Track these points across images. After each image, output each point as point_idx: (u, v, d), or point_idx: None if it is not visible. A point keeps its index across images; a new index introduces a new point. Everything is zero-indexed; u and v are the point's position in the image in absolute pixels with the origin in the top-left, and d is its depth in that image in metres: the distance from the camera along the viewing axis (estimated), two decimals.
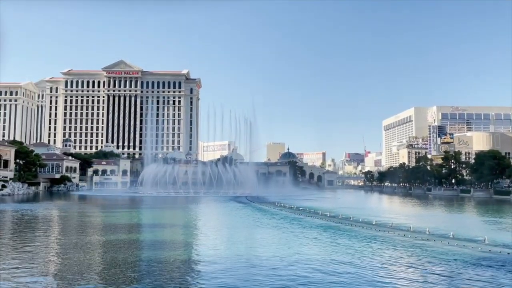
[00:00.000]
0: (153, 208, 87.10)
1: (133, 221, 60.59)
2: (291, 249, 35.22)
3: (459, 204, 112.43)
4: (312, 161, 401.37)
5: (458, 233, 42.99)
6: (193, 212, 78.84)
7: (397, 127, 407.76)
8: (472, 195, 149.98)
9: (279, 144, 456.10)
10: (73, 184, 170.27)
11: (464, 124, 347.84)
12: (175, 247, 36.81)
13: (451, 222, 64.27)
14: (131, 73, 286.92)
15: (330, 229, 47.90)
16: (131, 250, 34.63)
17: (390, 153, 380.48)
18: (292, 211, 73.63)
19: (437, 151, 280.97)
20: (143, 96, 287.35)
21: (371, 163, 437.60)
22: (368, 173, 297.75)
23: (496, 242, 37.87)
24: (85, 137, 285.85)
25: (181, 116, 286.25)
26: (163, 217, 69.02)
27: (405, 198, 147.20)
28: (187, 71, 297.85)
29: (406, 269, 28.03)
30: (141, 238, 42.71)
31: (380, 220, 56.75)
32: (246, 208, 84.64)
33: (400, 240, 40.33)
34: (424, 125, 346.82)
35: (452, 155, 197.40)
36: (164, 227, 53.11)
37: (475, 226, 58.01)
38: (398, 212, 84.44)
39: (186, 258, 31.91)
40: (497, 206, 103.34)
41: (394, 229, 47.53)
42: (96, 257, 31.93)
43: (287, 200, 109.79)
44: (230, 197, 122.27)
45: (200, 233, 48.73)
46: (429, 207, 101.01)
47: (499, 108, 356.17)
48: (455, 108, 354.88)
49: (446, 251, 34.09)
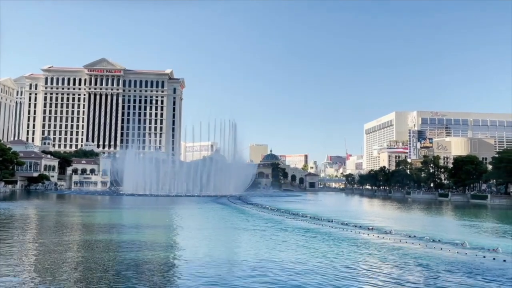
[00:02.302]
0: (133, 209, 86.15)
1: (112, 221, 59.74)
2: (271, 251, 35.25)
3: (437, 208, 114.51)
4: (294, 163, 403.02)
5: (436, 236, 43.86)
6: (174, 213, 78.26)
7: (378, 131, 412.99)
8: (450, 199, 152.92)
9: (262, 145, 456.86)
10: (51, 183, 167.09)
11: (443, 129, 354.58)
12: (155, 248, 36.41)
13: (429, 225, 65.42)
14: (113, 71, 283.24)
15: (311, 231, 48.18)
16: (109, 251, 34.12)
17: (371, 157, 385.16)
18: (273, 213, 73.88)
19: (417, 155, 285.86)
20: (125, 95, 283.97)
21: (352, 166, 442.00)
22: (349, 176, 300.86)
23: (472, 245, 38.76)
24: (65, 136, 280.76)
25: (164, 116, 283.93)
26: (143, 217, 68.29)
27: (385, 201, 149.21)
28: (170, 70, 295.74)
29: (383, 271, 28.28)
30: (120, 239, 42.11)
31: (360, 223, 57.52)
32: (227, 209, 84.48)
33: (380, 242, 40.85)
34: (404, 129, 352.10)
35: (431, 159, 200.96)
36: (144, 227, 52.53)
37: (452, 229, 59.18)
38: (378, 215, 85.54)
39: (166, 259, 31.62)
40: (474, 210, 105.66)
41: (373, 231, 48.26)
42: (74, 257, 31.33)
43: (269, 201, 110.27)
44: (212, 198, 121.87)
45: (180, 234, 48.47)
46: (408, 211, 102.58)
47: (477, 114, 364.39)
48: (434, 113, 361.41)
49: (424, 254, 34.66)
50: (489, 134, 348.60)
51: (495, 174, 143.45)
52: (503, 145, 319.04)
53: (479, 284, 24.86)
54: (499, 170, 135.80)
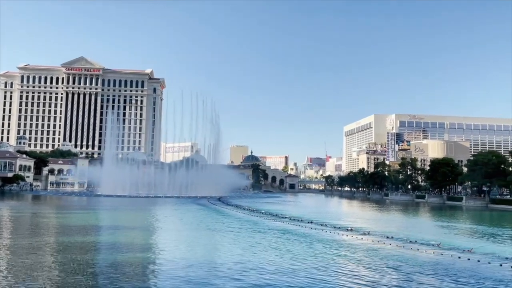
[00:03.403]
0: (111, 210, 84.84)
1: (90, 222, 58.66)
2: (251, 252, 35.27)
3: (414, 209, 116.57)
4: (275, 164, 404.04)
5: (413, 237, 44.62)
6: (152, 214, 77.42)
7: (358, 133, 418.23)
8: (426, 200, 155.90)
9: (242, 147, 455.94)
10: (26, 184, 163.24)
11: (421, 132, 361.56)
12: (133, 250, 35.97)
13: (406, 226, 66.52)
14: (91, 70, 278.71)
15: (289, 233, 48.37)
16: (86, 253, 33.54)
17: (350, 158, 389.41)
18: (253, 214, 73.92)
19: (395, 157, 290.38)
20: (104, 95, 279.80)
21: (332, 167, 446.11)
22: (328, 178, 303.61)
23: (448, 246, 39.60)
24: (41, 135, 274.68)
25: (143, 116, 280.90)
26: (121, 219, 67.28)
27: (364, 203, 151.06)
28: (150, 70, 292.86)
29: (359, 272, 28.53)
30: (98, 241, 41.44)
31: (339, 224, 58.09)
32: (206, 210, 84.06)
33: (358, 243, 41.30)
34: (383, 132, 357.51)
35: (408, 161, 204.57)
36: (121, 229, 51.78)
37: (428, 230, 60.28)
38: (357, 216, 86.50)
39: (143, 261, 31.25)
40: (449, 211, 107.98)
41: (352, 232, 48.83)
42: (49, 260, 30.61)
43: (249, 203, 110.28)
44: (192, 199, 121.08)
45: (158, 235, 48.05)
46: (386, 212, 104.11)
47: (453, 118, 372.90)
48: (412, 116, 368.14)
49: (401, 254, 35.20)
50: (464, 137, 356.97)
51: (470, 176, 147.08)
52: (478, 148, 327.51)
53: (454, 284, 25.36)
54: (474, 172, 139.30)
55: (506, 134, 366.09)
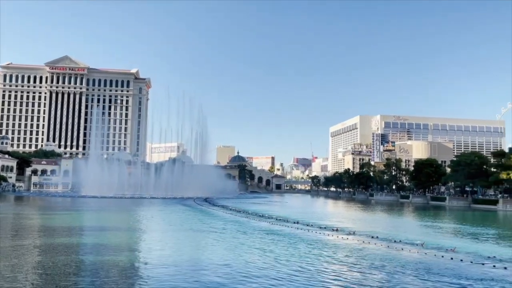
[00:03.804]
0: (95, 211, 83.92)
1: (74, 224, 57.96)
2: (234, 253, 35.24)
3: (398, 209, 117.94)
4: (261, 165, 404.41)
5: (397, 237, 45.20)
6: (138, 215, 76.81)
7: (343, 134, 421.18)
8: (410, 200, 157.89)
9: (229, 147, 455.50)
10: (9, 184, 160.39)
11: (405, 133, 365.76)
12: (118, 251, 35.65)
13: (391, 226, 67.30)
14: (76, 70, 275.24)
15: (275, 233, 48.51)
16: (71, 254, 33.15)
17: (336, 159, 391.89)
18: (239, 214, 73.95)
19: (380, 158, 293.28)
20: (89, 94, 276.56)
21: (318, 168, 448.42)
22: (314, 178, 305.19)
23: (431, 245, 40.23)
24: (24, 135, 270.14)
25: (129, 116, 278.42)
26: (106, 220, 66.60)
27: (349, 203, 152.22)
28: (136, 70, 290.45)
29: (343, 272, 28.77)
30: (83, 242, 40.97)
31: (325, 224, 58.50)
32: (192, 211, 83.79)
33: (343, 243, 41.66)
34: (368, 132, 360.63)
35: (393, 162, 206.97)
36: (107, 230, 51.27)
37: (412, 230, 61.10)
38: (343, 216, 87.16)
39: (129, 262, 31.02)
40: (433, 211, 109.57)
41: (338, 232, 49.24)
42: (32, 262, 30.19)
43: (235, 203, 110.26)
44: (178, 200, 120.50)
45: (142, 236, 47.73)
46: (371, 212, 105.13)
47: (437, 119, 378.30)
48: (397, 117, 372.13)
49: (385, 254, 35.63)
50: (447, 138, 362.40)
51: (453, 176, 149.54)
52: (461, 149, 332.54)
53: (437, 283, 25.78)
54: (457, 173, 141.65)
55: (488, 135, 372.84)
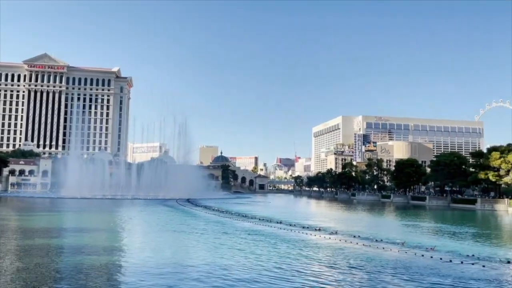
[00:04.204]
0: (76, 212, 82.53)
1: (53, 225, 56.78)
2: (215, 253, 34.99)
3: (380, 209, 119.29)
4: (244, 165, 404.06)
5: (379, 236, 45.61)
6: (118, 216, 75.77)
7: (326, 134, 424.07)
8: (392, 200, 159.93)
9: (212, 147, 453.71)
10: None
11: (387, 133, 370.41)
12: (98, 253, 35.09)
13: (373, 225, 67.97)
14: (55, 68, 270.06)
15: (258, 233, 48.43)
16: (50, 257, 32.47)
17: (319, 159, 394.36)
18: (222, 215, 73.65)
19: (362, 158, 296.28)
20: (69, 93, 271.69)
21: (301, 168, 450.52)
22: (297, 178, 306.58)
23: (412, 244, 40.72)
24: (2, 134, 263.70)
25: (110, 116, 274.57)
26: (87, 221, 65.46)
27: (332, 203, 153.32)
28: (117, 69, 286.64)
29: (324, 272, 28.85)
30: (62, 244, 40.13)
31: (307, 224, 58.67)
32: (174, 212, 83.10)
33: (325, 243, 41.83)
34: (350, 133, 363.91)
35: (375, 162, 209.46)
36: (87, 231, 50.38)
37: (394, 229, 61.83)
38: (326, 216, 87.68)
39: (110, 264, 30.54)
40: (413, 210, 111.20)
41: (320, 232, 49.43)
42: (10, 264, 29.40)
43: (218, 203, 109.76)
44: (160, 201, 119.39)
45: (123, 238, 47.11)
46: (353, 212, 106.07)
47: (417, 120, 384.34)
48: (378, 118, 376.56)
49: (367, 253, 35.90)
50: (428, 138, 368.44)
51: (433, 176, 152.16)
52: (440, 149, 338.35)
53: (416, 282, 26.06)
54: (436, 173, 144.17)
55: (467, 136, 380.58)
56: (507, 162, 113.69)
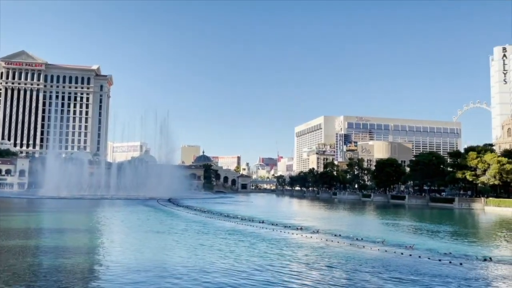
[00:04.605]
0: (54, 212, 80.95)
1: (30, 225, 55.54)
2: (193, 254, 34.73)
3: (360, 208, 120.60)
4: (227, 164, 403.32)
5: (359, 235, 46.09)
6: (98, 216, 74.59)
7: (308, 134, 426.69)
8: (372, 199, 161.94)
9: (194, 146, 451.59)
10: None
11: (367, 133, 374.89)
12: (77, 254, 34.48)
13: (353, 224, 68.72)
14: (33, 65, 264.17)
15: (239, 233, 48.36)
16: (27, 257, 31.82)
17: (301, 159, 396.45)
18: (203, 214, 73.32)
19: (343, 157, 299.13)
20: (47, 91, 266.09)
21: (283, 167, 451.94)
22: (280, 178, 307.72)
23: (391, 243, 41.28)
24: None
25: (89, 114, 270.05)
26: (65, 221, 64.28)
27: (313, 202, 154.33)
28: (97, 66, 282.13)
29: (303, 271, 28.96)
30: (40, 244, 39.29)
31: (289, 223, 58.87)
32: (155, 212, 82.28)
33: (306, 242, 42.03)
34: (332, 133, 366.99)
35: (356, 162, 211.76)
36: (65, 232, 49.47)
37: (374, 228, 62.61)
38: (307, 215, 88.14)
39: (87, 265, 30.09)
40: (393, 209, 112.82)
41: (302, 231, 49.66)
42: None
43: (200, 203, 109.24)
44: (141, 200, 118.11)
45: (102, 238, 46.41)
46: (334, 211, 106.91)
47: (397, 120, 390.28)
48: (359, 118, 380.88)
49: (347, 251, 36.24)
50: (407, 138, 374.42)
51: (412, 176, 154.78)
52: (419, 149, 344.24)
53: (395, 280, 26.41)
54: (415, 172, 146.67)
55: (446, 136, 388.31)
56: (484, 162, 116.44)
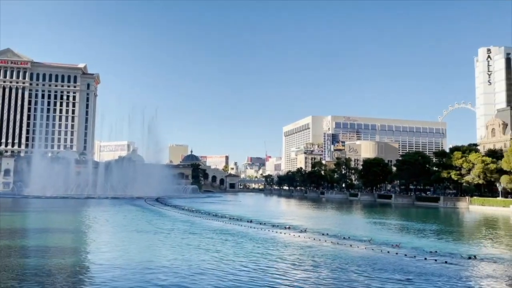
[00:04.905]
0: (40, 212, 79.98)
1: (16, 225, 54.84)
2: (179, 254, 34.69)
3: (348, 207, 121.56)
4: (215, 164, 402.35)
5: (346, 234, 46.57)
6: (84, 216, 73.95)
7: (296, 133, 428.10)
8: (359, 198, 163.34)
9: (182, 146, 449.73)
10: None
11: (354, 133, 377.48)
12: (64, 254, 34.25)
13: (341, 223, 69.27)
14: (19, 63, 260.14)
15: (226, 232, 48.45)
16: (13, 258, 31.52)
17: (289, 158, 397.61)
18: (191, 214, 73.21)
19: (331, 157, 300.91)
20: (33, 89, 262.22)
21: (271, 167, 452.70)
22: (268, 177, 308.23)
23: (378, 241, 41.82)
24: None
25: (76, 113, 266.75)
26: (51, 221, 63.63)
27: (301, 201, 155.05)
28: (84, 65, 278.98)
29: (289, 270, 29.16)
30: (25, 245, 38.92)
31: (277, 222, 59.16)
32: (143, 211, 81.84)
33: (294, 241, 42.34)
34: (320, 132, 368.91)
35: (343, 161, 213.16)
36: (52, 232, 49.03)
37: (361, 227, 63.22)
38: (295, 214, 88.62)
39: (73, 266, 29.88)
40: (380, 208, 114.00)
41: (290, 230, 49.98)
42: None
43: (188, 203, 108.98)
44: (128, 200, 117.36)
45: (88, 238, 46.18)
46: (322, 210, 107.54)
47: (384, 120, 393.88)
48: (347, 118, 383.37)
49: (335, 250, 36.62)
50: (394, 138, 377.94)
51: (398, 175, 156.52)
52: (405, 148, 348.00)
53: (381, 278, 26.81)
54: (402, 172, 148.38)
55: (431, 136, 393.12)
56: (468, 162, 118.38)
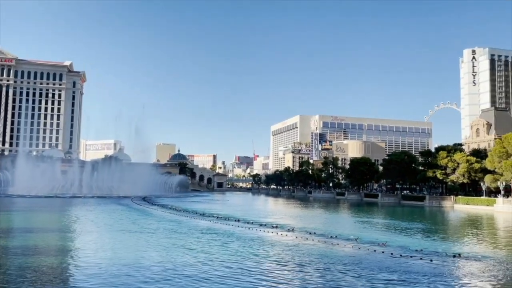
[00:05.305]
0: (24, 211, 78.70)
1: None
2: (164, 254, 34.44)
3: (335, 206, 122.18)
4: (203, 163, 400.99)
5: (333, 233, 46.79)
6: (69, 215, 72.96)
7: (284, 132, 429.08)
8: (346, 197, 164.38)
9: (169, 145, 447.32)
10: None
11: (342, 133, 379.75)
12: (46, 254, 33.75)
13: (328, 222, 69.58)
14: (3, 60, 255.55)
15: (213, 232, 48.29)
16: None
17: (277, 157, 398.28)
18: (178, 213, 72.83)
19: (318, 156, 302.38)
20: (17, 87, 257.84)
21: (259, 166, 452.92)
22: (256, 176, 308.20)
23: (365, 240, 42.09)
24: None
25: (61, 111, 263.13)
26: (36, 221, 62.63)
27: (289, 200, 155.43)
28: (70, 62, 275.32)
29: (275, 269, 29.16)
30: (9, 244, 38.25)
31: (265, 221, 59.16)
32: (129, 210, 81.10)
33: (281, 240, 42.35)
34: (308, 132, 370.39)
35: (330, 160, 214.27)
36: (36, 231, 48.24)
37: (348, 226, 63.61)
38: (283, 213, 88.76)
39: (57, 266, 29.49)
40: (366, 207, 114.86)
41: (277, 229, 49.99)
42: None
43: (175, 202, 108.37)
44: (114, 199, 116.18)
45: (73, 238, 45.53)
46: (309, 209, 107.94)
47: (371, 120, 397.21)
48: (334, 117, 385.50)
49: (322, 249, 36.75)
50: (380, 138, 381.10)
51: (385, 174, 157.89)
52: (392, 148, 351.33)
53: (367, 277, 26.97)
54: (388, 171, 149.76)
55: (417, 135, 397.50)
56: (453, 161, 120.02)
